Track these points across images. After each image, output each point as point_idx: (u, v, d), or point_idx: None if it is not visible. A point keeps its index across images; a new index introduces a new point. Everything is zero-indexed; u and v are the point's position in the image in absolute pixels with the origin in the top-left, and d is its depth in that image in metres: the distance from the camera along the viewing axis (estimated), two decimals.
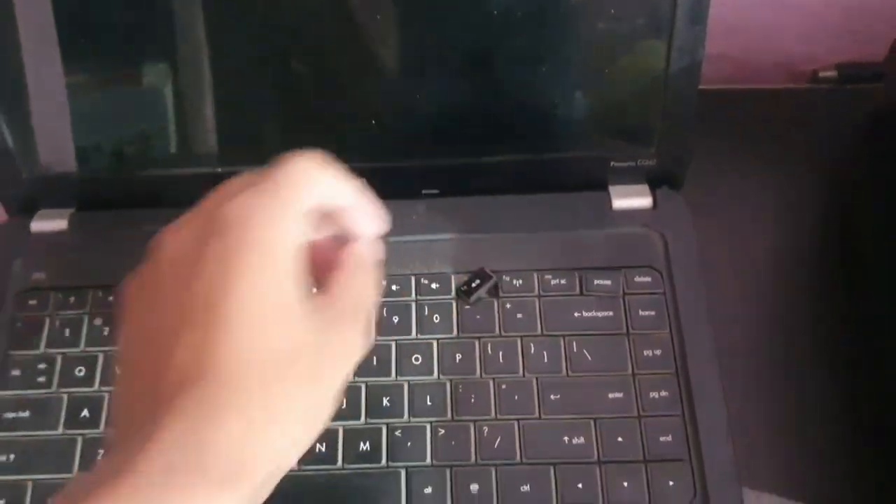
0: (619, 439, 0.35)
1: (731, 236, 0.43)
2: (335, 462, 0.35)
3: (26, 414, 0.37)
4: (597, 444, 0.35)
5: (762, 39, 0.48)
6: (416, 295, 0.39)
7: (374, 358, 0.37)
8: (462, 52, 0.38)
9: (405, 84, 0.39)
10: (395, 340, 0.38)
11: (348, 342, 0.26)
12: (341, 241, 0.29)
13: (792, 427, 0.38)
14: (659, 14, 0.37)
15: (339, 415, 0.36)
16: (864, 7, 0.46)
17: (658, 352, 0.37)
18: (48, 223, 0.42)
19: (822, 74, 0.49)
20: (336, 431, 0.36)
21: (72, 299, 0.39)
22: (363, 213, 0.28)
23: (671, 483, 0.34)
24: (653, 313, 0.38)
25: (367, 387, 0.37)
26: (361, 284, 0.28)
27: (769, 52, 0.49)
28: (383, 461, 0.35)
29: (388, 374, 0.37)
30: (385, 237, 0.38)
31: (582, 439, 0.35)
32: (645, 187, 0.41)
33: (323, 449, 0.36)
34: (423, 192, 0.42)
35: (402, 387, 0.37)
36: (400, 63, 0.39)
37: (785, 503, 0.36)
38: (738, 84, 0.49)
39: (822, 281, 0.42)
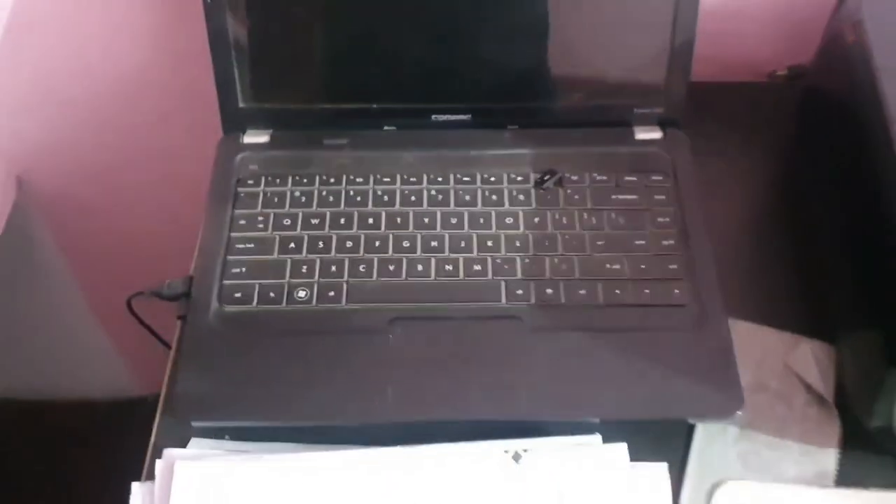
0: (643, 266, 0.54)
1: (714, 163, 0.63)
2: (458, 276, 0.54)
3: (251, 245, 0.56)
4: (628, 269, 0.54)
5: (731, 45, 0.69)
6: (507, 184, 0.59)
7: (481, 218, 0.57)
8: (537, 31, 0.59)
9: (498, 51, 0.60)
10: (494, 210, 0.57)
11: None
12: None
13: (752, 275, 0.58)
14: (665, 21, 0.58)
15: (459, 249, 0.55)
16: (809, 22, 0.67)
17: (667, 219, 0.57)
18: (256, 138, 0.62)
19: (777, 73, 0.71)
20: (458, 259, 0.55)
21: (277, 180, 0.59)
22: None
23: (676, 291, 0.53)
24: (664, 197, 0.58)
25: (476, 235, 0.56)
26: None
27: (736, 54, 0.70)
28: (489, 276, 0.54)
29: (490, 228, 0.57)
30: (481, 152, 0.59)
31: (618, 266, 0.55)
32: (656, 127, 0.61)
33: (451, 269, 0.55)
34: (508, 126, 0.62)
35: (499, 235, 0.56)
36: (495, 37, 0.60)
37: (745, 322, 0.56)
38: (712, 78, 0.70)
39: (773, 194, 0.62)
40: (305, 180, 0.59)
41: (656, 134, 0.61)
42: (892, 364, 0.48)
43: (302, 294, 0.54)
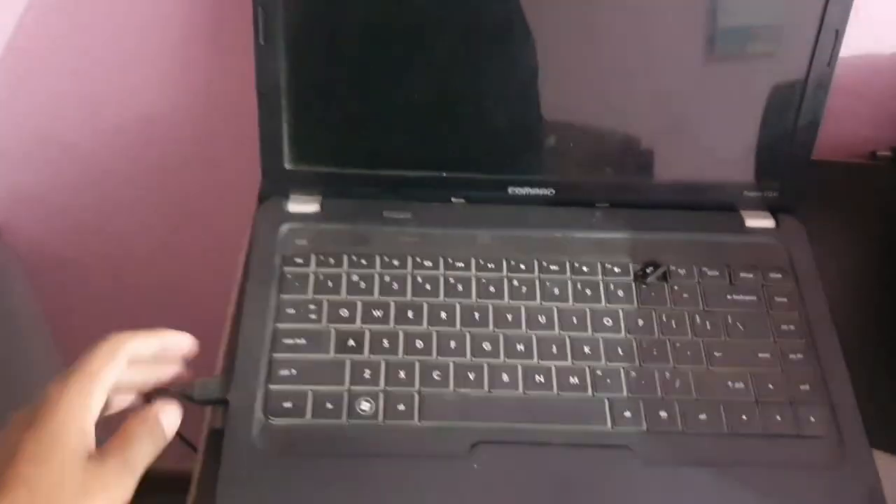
0: (770, 386, 0.46)
1: (829, 253, 0.55)
2: (551, 390, 0.45)
3: (302, 341, 0.46)
4: (753, 389, 0.46)
5: (830, 122, 0.62)
6: (602, 275, 0.50)
7: (574, 318, 0.48)
8: (632, 96, 0.51)
9: (587, 116, 0.52)
10: (588, 307, 0.49)
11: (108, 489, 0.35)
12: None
13: (880, 392, 0.49)
14: (791, 93, 0.50)
15: (550, 356, 0.47)
16: None
17: (792, 326, 0.48)
18: (303, 206, 0.52)
19: (879, 154, 0.63)
20: (549, 369, 0.46)
21: (331, 260, 0.50)
22: (168, 349, 0.42)
23: (812, 419, 0.45)
24: (785, 300, 0.49)
25: (569, 338, 0.47)
26: (131, 450, 0.37)
27: (836, 132, 0.63)
28: (589, 392, 0.45)
29: (586, 331, 0.48)
30: (568, 234, 0.50)
31: (741, 384, 0.46)
32: (768, 213, 0.53)
33: (542, 380, 0.46)
34: (597, 204, 0.53)
35: (598, 340, 0.47)
36: (583, 100, 0.51)
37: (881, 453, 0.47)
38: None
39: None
40: (364, 261, 0.50)
41: (769, 222, 0.53)
42: None
43: (365, 406, 0.44)
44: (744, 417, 0.45)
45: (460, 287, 0.49)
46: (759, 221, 0.53)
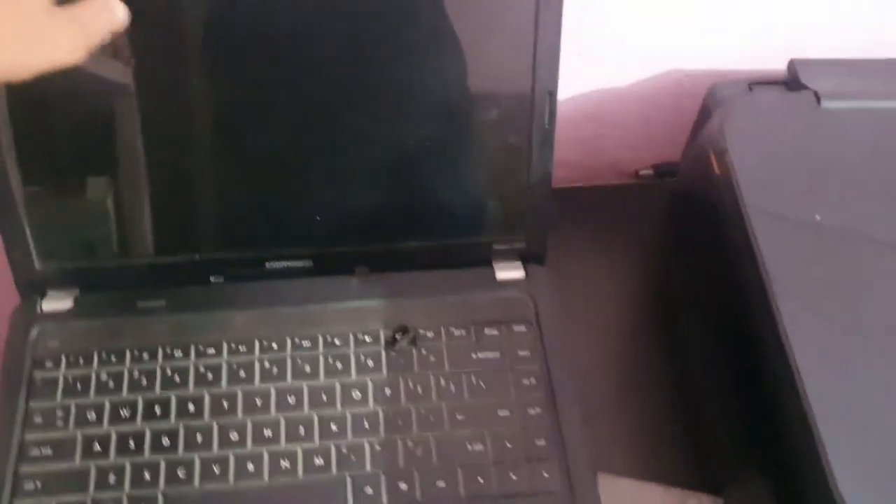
0: (508, 445, 0.48)
1: (581, 295, 0.57)
2: (296, 474, 0.47)
3: (49, 451, 0.47)
4: (490, 449, 0.48)
5: (594, 149, 0.64)
6: (353, 346, 0.51)
7: (323, 394, 0.49)
8: (382, 165, 0.52)
9: (340, 187, 0.53)
10: (338, 381, 0.50)
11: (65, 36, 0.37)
12: None
13: (633, 426, 0.52)
14: (521, 152, 0.52)
15: (297, 438, 0.48)
16: (669, 123, 0.63)
17: (533, 380, 0.50)
18: (57, 303, 0.52)
19: (642, 172, 0.66)
20: (295, 452, 0.48)
21: (81, 360, 0.50)
22: None
23: (545, 475, 0.47)
24: (528, 353, 0.51)
25: (318, 416, 0.49)
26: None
27: (600, 157, 0.65)
28: (333, 471, 0.47)
29: (334, 406, 0.49)
30: (325, 305, 0.51)
31: (480, 446, 0.48)
32: (519, 263, 0.55)
33: (287, 465, 0.47)
34: (356, 270, 0.55)
35: (345, 415, 0.49)
36: (335, 172, 0.52)
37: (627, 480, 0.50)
38: (577, 183, 0.65)
39: (646, 322, 0.58)
40: (114, 357, 0.50)
41: (518, 272, 0.55)
42: None
43: None
44: (480, 480, 0.47)
45: (210, 375, 0.50)
46: (509, 273, 0.55)
